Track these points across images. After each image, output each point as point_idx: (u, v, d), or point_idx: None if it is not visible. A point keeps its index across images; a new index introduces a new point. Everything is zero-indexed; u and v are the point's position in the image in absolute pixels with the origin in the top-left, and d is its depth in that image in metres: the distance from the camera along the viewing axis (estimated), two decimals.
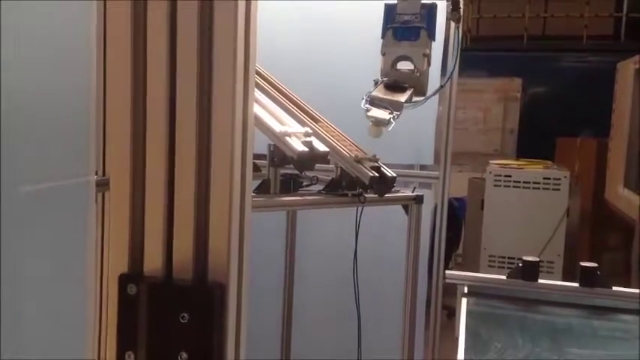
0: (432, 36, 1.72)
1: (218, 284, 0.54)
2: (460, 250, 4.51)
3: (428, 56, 1.73)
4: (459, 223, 4.35)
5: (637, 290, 1.70)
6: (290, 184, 1.93)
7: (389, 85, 1.72)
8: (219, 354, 0.54)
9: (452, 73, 2.26)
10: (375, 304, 2.51)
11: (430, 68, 1.77)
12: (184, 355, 0.52)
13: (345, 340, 2.42)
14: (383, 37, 1.74)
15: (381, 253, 2.67)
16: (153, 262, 0.56)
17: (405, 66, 1.74)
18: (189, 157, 0.55)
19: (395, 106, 1.66)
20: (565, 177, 3.53)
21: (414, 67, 1.72)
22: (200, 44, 0.51)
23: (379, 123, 1.66)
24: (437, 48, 2.20)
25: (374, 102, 1.67)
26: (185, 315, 0.53)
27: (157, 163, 0.55)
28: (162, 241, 0.56)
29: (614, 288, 1.62)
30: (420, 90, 1.76)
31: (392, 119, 1.66)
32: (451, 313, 3.96)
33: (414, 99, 1.76)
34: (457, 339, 1.42)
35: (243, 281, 0.57)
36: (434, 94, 1.89)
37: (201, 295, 0.54)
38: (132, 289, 0.55)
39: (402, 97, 1.69)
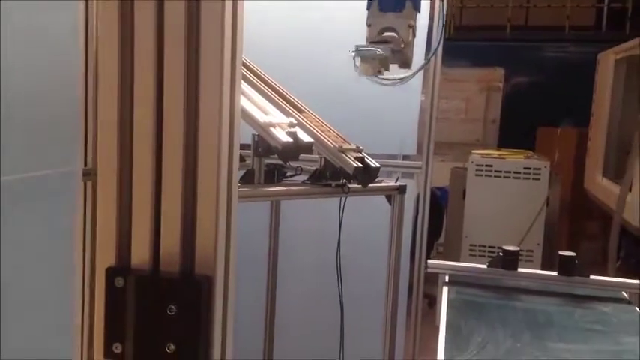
0: (417, 7, 1.71)
1: (205, 277, 0.55)
2: (442, 239, 4.56)
3: (413, 27, 1.72)
4: (440, 213, 4.39)
5: (612, 278, 1.74)
6: (274, 175, 1.94)
7: (375, 42, 1.71)
8: (207, 345, 0.55)
9: (438, 46, 2.25)
10: (358, 292, 2.53)
11: (415, 54, 1.77)
12: (172, 346, 0.53)
13: (328, 328, 2.44)
14: (368, 8, 1.73)
15: (364, 242, 2.69)
16: (140, 255, 0.56)
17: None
18: (176, 151, 0.55)
19: (384, 49, 1.65)
20: (545, 167, 3.58)
21: (400, 38, 1.70)
22: (187, 41, 0.52)
23: (368, 56, 1.64)
24: (421, 33, 2.20)
25: (361, 51, 1.66)
26: (173, 307, 0.54)
27: (144, 157, 0.56)
28: (149, 234, 0.56)
29: (592, 277, 1.66)
30: (405, 62, 1.75)
31: (379, 52, 1.63)
32: (432, 302, 4.01)
33: (401, 75, 1.76)
34: (438, 327, 1.43)
35: (230, 273, 0.58)
36: (421, 68, 1.89)
37: (189, 287, 0.55)
38: (119, 281, 0.55)
39: (390, 46, 1.68)
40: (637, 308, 1.54)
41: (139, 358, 0.54)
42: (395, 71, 1.82)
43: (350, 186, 1.87)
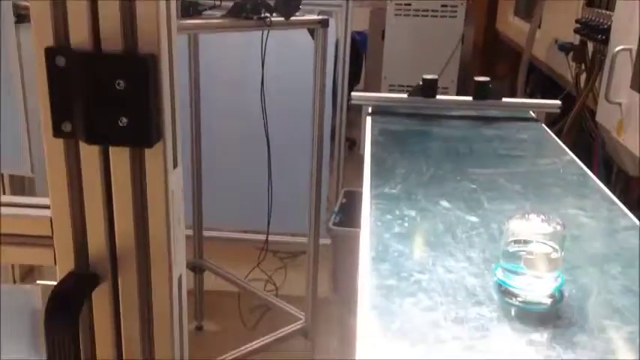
0: None
1: (150, 55, 0.55)
2: (361, 85, 4.63)
3: None
4: (359, 58, 4.41)
5: (522, 100, 1.87)
6: (189, 10, 1.86)
7: None
8: (158, 117, 0.56)
9: None
10: (283, 132, 2.57)
11: None
12: (124, 119, 0.54)
13: (256, 169, 2.50)
14: None
15: (286, 82, 2.69)
16: (80, 36, 0.55)
17: None
18: None
19: None
20: (461, 4, 3.64)
21: None
22: None
23: None
24: None
25: None
26: (121, 82, 0.53)
27: None
28: (86, 14, 0.55)
29: (503, 99, 1.76)
30: None
31: None
32: (352, 145, 4.15)
33: None
34: (361, 157, 1.48)
35: (174, 52, 0.58)
36: None
37: (135, 63, 0.54)
38: (60, 60, 0.54)
39: None
40: (543, 125, 1.68)
41: (91, 133, 0.55)
42: None
43: (272, 19, 1.83)
